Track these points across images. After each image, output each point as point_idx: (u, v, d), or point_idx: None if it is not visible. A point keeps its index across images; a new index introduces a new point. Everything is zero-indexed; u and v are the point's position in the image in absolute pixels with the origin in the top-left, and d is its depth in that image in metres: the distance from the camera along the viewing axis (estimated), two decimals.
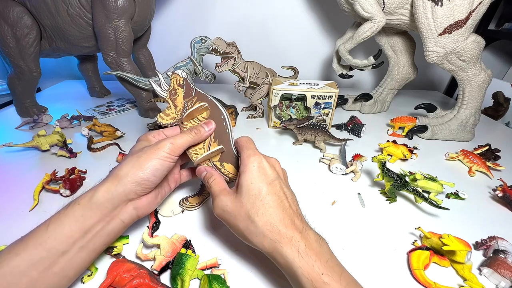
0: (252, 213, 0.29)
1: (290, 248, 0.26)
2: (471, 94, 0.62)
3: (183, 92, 0.38)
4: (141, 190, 0.32)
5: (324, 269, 0.25)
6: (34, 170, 0.50)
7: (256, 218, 0.28)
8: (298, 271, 0.25)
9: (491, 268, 0.33)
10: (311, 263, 0.26)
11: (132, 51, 0.68)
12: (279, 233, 0.27)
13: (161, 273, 0.32)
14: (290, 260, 0.26)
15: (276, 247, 0.27)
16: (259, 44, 0.99)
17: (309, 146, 0.62)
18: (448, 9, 0.53)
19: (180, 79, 0.37)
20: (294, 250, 0.26)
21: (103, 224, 0.30)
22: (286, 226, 0.28)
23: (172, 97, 0.38)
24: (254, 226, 0.28)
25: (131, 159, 0.32)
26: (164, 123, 0.37)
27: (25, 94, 0.70)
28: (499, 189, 0.46)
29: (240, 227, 0.29)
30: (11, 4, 0.60)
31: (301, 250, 0.26)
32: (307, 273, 0.25)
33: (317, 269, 0.25)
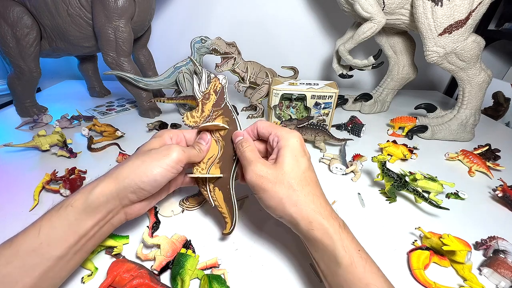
0: (296, 182, 0.29)
1: (331, 221, 0.27)
2: (471, 94, 0.62)
3: (215, 99, 0.36)
4: (136, 198, 0.31)
5: (360, 247, 0.27)
6: (34, 170, 0.50)
7: (299, 188, 0.29)
8: (338, 244, 0.26)
9: (491, 268, 0.33)
10: (349, 239, 0.27)
11: (132, 51, 0.68)
12: (321, 205, 0.28)
13: (161, 273, 0.32)
14: (331, 233, 0.26)
15: (318, 217, 0.27)
16: (259, 44, 0.99)
17: (309, 146, 0.62)
18: (448, 9, 0.53)
19: (219, 85, 0.37)
20: (335, 224, 0.27)
21: (97, 228, 0.29)
22: (326, 202, 0.29)
23: (204, 101, 0.36)
24: (297, 194, 0.28)
25: (134, 161, 0.31)
26: (187, 123, 0.36)
27: (25, 94, 0.70)
28: (499, 189, 0.46)
29: (279, 195, 0.29)
30: (11, 4, 0.60)
31: (341, 224, 0.28)
32: (346, 247, 0.26)
33: (355, 246, 0.26)
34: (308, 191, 0.29)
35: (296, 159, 0.30)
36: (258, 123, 0.36)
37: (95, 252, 0.33)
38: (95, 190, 0.28)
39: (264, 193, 0.30)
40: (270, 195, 0.29)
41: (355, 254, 0.26)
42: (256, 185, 0.30)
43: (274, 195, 0.29)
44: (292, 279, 0.32)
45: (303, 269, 0.33)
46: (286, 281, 0.32)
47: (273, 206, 0.30)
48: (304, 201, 0.28)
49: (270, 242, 0.37)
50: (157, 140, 0.34)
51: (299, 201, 0.28)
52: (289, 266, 0.34)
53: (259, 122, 0.36)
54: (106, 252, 0.34)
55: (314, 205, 0.28)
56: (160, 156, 0.31)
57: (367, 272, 0.25)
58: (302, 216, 0.28)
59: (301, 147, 0.32)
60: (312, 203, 0.28)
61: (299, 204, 0.28)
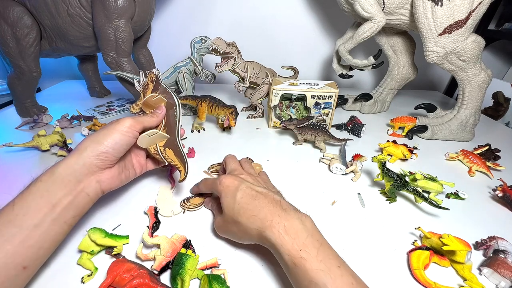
0: (236, 217, 0.33)
1: (271, 231, 0.29)
2: (471, 94, 0.62)
3: (152, 87, 0.45)
4: (101, 163, 0.34)
5: (302, 245, 0.28)
6: (34, 170, 0.50)
7: (239, 218, 0.32)
8: (280, 249, 0.28)
9: (491, 268, 0.33)
10: (290, 241, 0.28)
11: (132, 51, 0.68)
12: (261, 220, 0.31)
13: (161, 273, 0.32)
14: (273, 241, 0.29)
15: (260, 233, 0.30)
16: (259, 44, 0.99)
17: (309, 146, 0.62)
18: (448, 9, 0.53)
19: (154, 76, 0.46)
20: (275, 231, 0.29)
21: (70, 198, 0.31)
22: (265, 213, 0.31)
23: (144, 91, 0.46)
24: (241, 224, 0.32)
25: (92, 135, 0.35)
26: (133, 111, 0.45)
27: (25, 94, 0.70)
28: (499, 189, 0.46)
29: (234, 231, 0.34)
30: (11, 4, 0.59)
31: (281, 230, 0.29)
32: (287, 250, 0.28)
33: (296, 246, 0.28)
34: (247, 216, 0.32)
35: (228, 200, 0.34)
36: (201, 186, 0.42)
37: (95, 252, 0.33)
38: (61, 163, 0.32)
39: (230, 236, 0.35)
40: (232, 235, 0.35)
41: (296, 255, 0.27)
42: (222, 234, 0.36)
43: (233, 234, 0.35)
44: None
45: None
46: (286, 281, 0.32)
47: (239, 240, 0.34)
48: (247, 226, 0.32)
49: None
50: None
51: (245, 229, 0.32)
52: None
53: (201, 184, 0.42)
54: (106, 252, 0.34)
55: (254, 225, 0.31)
56: (114, 125, 0.36)
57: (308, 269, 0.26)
58: (254, 237, 0.32)
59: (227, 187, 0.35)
60: (252, 224, 0.31)
61: (247, 231, 0.32)
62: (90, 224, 0.38)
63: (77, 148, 0.33)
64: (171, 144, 0.42)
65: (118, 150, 0.35)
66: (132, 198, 0.43)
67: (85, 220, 0.38)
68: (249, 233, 0.32)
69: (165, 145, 0.42)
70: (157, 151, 0.41)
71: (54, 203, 0.30)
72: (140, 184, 0.47)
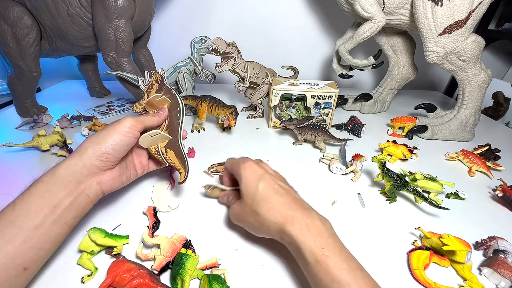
0: (255, 206, 0.32)
1: (293, 226, 0.29)
2: (471, 94, 0.62)
3: (157, 87, 0.45)
4: (102, 164, 0.34)
5: (325, 244, 0.28)
6: (34, 170, 0.50)
7: (259, 209, 0.32)
8: (301, 245, 0.28)
9: (491, 268, 0.33)
10: (312, 238, 0.28)
11: (132, 51, 0.68)
12: (282, 215, 0.31)
13: (161, 273, 0.32)
14: (294, 237, 0.29)
15: (281, 228, 0.30)
16: (259, 44, 0.99)
17: (309, 146, 0.62)
18: (448, 9, 0.53)
19: (159, 76, 0.46)
20: (297, 228, 0.29)
21: (71, 199, 0.31)
22: (287, 208, 0.31)
23: (148, 90, 0.45)
24: (260, 216, 0.32)
25: (92, 135, 0.35)
26: (136, 110, 0.45)
27: (25, 94, 0.70)
28: (499, 189, 0.46)
29: (250, 221, 0.33)
30: (11, 4, 0.59)
31: (303, 227, 0.29)
32: (309, 247, 0.28)
33: (318, 244, 0.28)
34: (267, 208, 0.32)
35: (250, 187, 0.34)
36: (226, 164, 0.42)
37: (95, 252, 0.33)
38: (61, 164, 0.32)
39: (244, 226, 0.35)
40: (247, 225, 0.35)
41: (319, 252, 0.27)
42: (237, 222, 0.36)
43: (248, 224, 0.34)
44: (292, 279, 0.32)
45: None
46: (286, 281, 0.32)
47: (254, 231, 0.34)
48: (267, 219, 0.31)
49: (270, 242, 0.37)
50: None
51: (264, 221, 0.32)
52: (289, 266, 0.34)
53: (226, 162, 0.41)
54: (106, 252, 0.34)
55: (275, 219, 0.31)
56: (115, 126, 0.35)
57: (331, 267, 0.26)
58: (271, 231, 0.32)
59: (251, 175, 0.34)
60: (273, 217, 0.31)
61: (265, 223, 0.32)
62: (90, 224, 0.38)
63: (78, 149, 0.33)
64: (172, 145, 0.42)
65: (119, 151, 0.35)
66: (132, 198, 0.43)
67: (85, 220, 0.38)
68: (266, 226, 0.32)
69: (167, 146, 0.42)
70: (158, 152, 0.41)
71: (55, 204, 0.30)
72: (140, 184, 0.47)
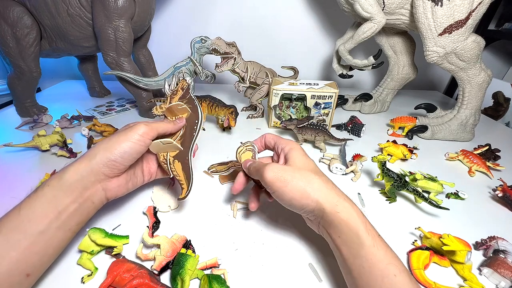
0: (314, 172, 0.32)
1: (353, 206, 0.29)
2: (471, 94, 0.62)
3: (181, 94, 0.45)
4: (109, 171, 0.33)
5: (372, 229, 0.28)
6: (34, 170, 0.50)
7: (317, 176, 0.31)
8: (362, 226, 0.28)
9: (491, 268, 0.33)
10: (369, 222, 0.29)
11: (132, 51, 0.68)
12: (338, 192, 0.31)
13: (161, 273, 0.32)
14: (355, 216, 0.28)
15: (341, 201, 0.29)
16: (259, 44, 0.99)
17: (309, 146, 0.62)
18: (448, 9, 0.53)
19: (185, 84, 0.46)
20: (356, 208, 0.29)
21: (76, 205, 0.30)
22: (342, 192, 0.31)
23: (172, 96, 0.45)
24: (318, 181, 0.31)
25: (103, 140, 0.34)
26: (155, 113, 0.44)
27: (25, 94, 0.70)
28: (499, 189, 0.46)
29: (301, 183, 0.30)
30: (11, 4, 0.60)
31: (359, 211, 0.29)
32: (369, 229, 0.28)
33: (375, 231, 0.28)
34: (325, 179, 0.32)
35: (305, 158, 0.34)
36: (266, 135, 0.40)
37: (95, 252, 0.33)
38: (69, 168, 0.31)
39: (285, 187, 0.31)
40: (292, 187, 0.30)
41: (376, 237, 0.28)
42: (278, 180, 0.31)
43: (295, 186, 0.30)
44: (292, 279, 0.32)
45: (303, 269, 0.33)
46: (286, 281, 0.32)
47: (296, 197, 0.30)
48: (326, 186, 0.30)
49: (270, 242, 0.37)
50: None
51: (322, 187, 0.30)
52: (289, 266, 0.34)
53: (267, 134, 0.40)
54: (106, 252, 0.34)
55: (335, 190, 0.30)
56: (127, 132, 0.34)
57: (388, 253, 0.27)
58: (327, 199, 0.29)
59: (304, 151, 0.35)
60: (333, 188, 0.31)
61: (322, 189, 0.30)
62: (90, 224, 0.38)
63: (88, 154, 0.32)
64: (181, 157, 0.41)
65: (128, 159, 0.34)
66: (133, 198, 0.43)
67: None
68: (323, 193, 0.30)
69: (176, 157, 0.40)
70: (166, 161, 0.40)
71: (60, 210, 0.29)
72: None
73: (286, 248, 0.36)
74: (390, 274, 0.25)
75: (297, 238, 0.38)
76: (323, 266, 0.34)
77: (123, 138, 0.33)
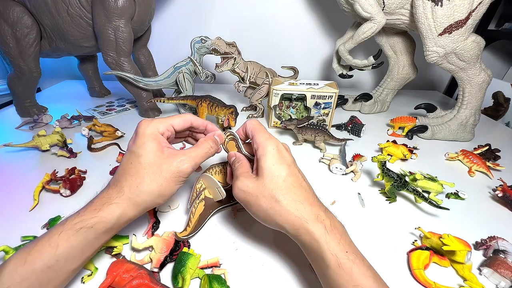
0: (277, 193, 0.29)
1: (317, 225, 0.27)
2: (471, 94, 0.62)
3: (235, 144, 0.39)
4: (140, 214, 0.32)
5: (348, 248, 0.26)
6: (34, 170, 0.50)
7: (281, 198, 0.29)
8: (324, 247, 0.26)
9: (491, 268, 0.33)
10: (336, 240, 0.26)
11: (132, 51, 0.68)
12: (305, 210, 0.28)
13: (161, 268, 0.32)
14: (317, 236, 0.27)
15: (303, 223, 0.28)
16: (259, 44, 0.99)
17: (309, 146, 0.62)
18: (448, 9, 0.53)
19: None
20: (321, 227, 0.27)
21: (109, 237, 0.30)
22: (311, 204, 0.29)
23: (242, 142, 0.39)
24: (279, 205, 0.29)
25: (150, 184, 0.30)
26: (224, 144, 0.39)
27: (25, 94, 0.70)
28: (499, 189, 0.46)
29: (264, 207, 0.29)
30: (11, 4, 0.60)
31: (327, 227, 0.27)
32: (332, 250, 0.26)
33: (342, 247, 0.26)
34: (290, 198, 0.29)
35: (275, 168, 0.30)
36: (247, 123, 0.36)
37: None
38: (116, 214, 0.28)
39: (250, 207, 0.31)
40: (256, 209, 0.30)
41: (342, 256, 0.26)
42: (242, 200, 0.31)
43: (258, 208, 0.30)
44: (291, 279, 0.32)
45: (303, 269, 0.33)
46: (286, 281, 0.32)
47: (261, 218, 0.31)
48: (287, 210, 0.28)
49: (270, 242, 0.37)
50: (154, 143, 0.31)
51: (282, 211, 0.29)
52: (289, 266, 0.34)
53: (248, 122, 0.36)
54: (106, 252, 0.34)
55: (297, 213, 0.28)
56: (174, 175, 0.31)
57: (355, 272, 0.25)
58: (288, 224, 0.28)
59: (279, 154, 0.31)
60: (296, 210, 0.28)
61: (283, 213, 0.28)
62: None
63: (135, 200, 0.29)
64: (209, 204, 0.39)
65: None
66: None
67: None
68: (284, 218, 0.28)
69: (206, 199, 0.39)
70: (196, 194, 0.39)
71: (97, 248, 0.29)
72: None
73: (286, 248, 0.36)
74: None
75: None
76: None
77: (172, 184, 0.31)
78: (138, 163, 0.30)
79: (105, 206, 0.28)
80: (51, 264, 0.25)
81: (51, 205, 0.42)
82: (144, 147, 0.31)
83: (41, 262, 0.25)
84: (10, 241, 0.33)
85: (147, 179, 0.30)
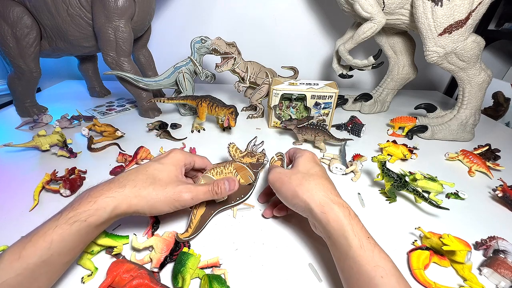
0: (308, 175, 0.35)
1: (341, 208, 0.30)
2: (471, 94, 0.62)
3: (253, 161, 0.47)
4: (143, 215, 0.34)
5: (369, 235, 0.29)
6: (34, 170, 0.50)
7: (310, 178, 0.34)
8: (348, 227, 0.29)
9: (491, 268, 0.33)
10: (359, 225, 0.29)
11: (132, 51, 0.68)
12: (331, 193, 0.32)
13: (162, 268, 0.32)
14: (342, 217, 0.29)
15: (329, 202, 0.31)
16: (259, 44, 0.99)
17: (309, 146, 0.62)
18: (448, 9, 0.53)
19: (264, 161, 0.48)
20: (345, 210, 0.30)
21: None
22: (336, 195, 0.33)
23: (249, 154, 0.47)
24: (308, 182, 0.33)
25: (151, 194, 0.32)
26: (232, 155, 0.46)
27: (25, 94, 0.70)
28: (499, 189, 0.46)
29: (293, 184, 0.34)
30: (11, 4, 0.60)
31: (351, 213, 0.30)
32: (356, 232, 0.28)
33: (364, 232, 0.29)
34: (318, 181, 0.34)
35: (308, 164, 0.37)
36: (290, 149, 0.45)
37: (95, 252, 0.33)
38: (109, 208, 0.30)
39: (281, 186, 0.35)
40: (287, 187, 0.35)
41: (364, 239, 0.28)
42: (276, 181, 0.36)
43: (289, 186, 0.34)
44: (292, 279, 0.32)
45: (303, 269, 0.33)
46: (286, 281, 0.32)
47: (289, 196, 0.34)
48: (314, 188, 0.33)
49: (270, 242, 0.37)
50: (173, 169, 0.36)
51: (310, 188, 0.33)
52: (289, 266, 0.34)
53: (291, 148, 0.45)
54: (106, 252, 0.34)
55: (324, 192, 0.32)
56: (172, 200, 0.33)
57: (376, 255, 0.27)
58: (314, 200, 0.32)
59: (314, 158, 0.39)
60: (322, 190, 0.32)
61: (310, 190, 0.33)
62: None
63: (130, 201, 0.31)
64: (211, 207, 0.39)
65: None
66: None
67: None
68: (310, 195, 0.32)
69: (207, 203, 0.39)
70: None
71: (87, 241, 0.30)
72: None
73: (286, 248, 0.36)
74: (377, 275, 0.25)
75: (297, 238, 0.38)
76: (323, 266, 0.34)
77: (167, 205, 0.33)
78: (153, 173, 0.34)
79: (101, 199, 0.29)
80: (45, 259, 0.26)
81: (51, 205, 0.42)
82: (166, 166, 0.36)
83: (35, 257, 0.25)
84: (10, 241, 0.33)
85: (150, 188, 0.32)
